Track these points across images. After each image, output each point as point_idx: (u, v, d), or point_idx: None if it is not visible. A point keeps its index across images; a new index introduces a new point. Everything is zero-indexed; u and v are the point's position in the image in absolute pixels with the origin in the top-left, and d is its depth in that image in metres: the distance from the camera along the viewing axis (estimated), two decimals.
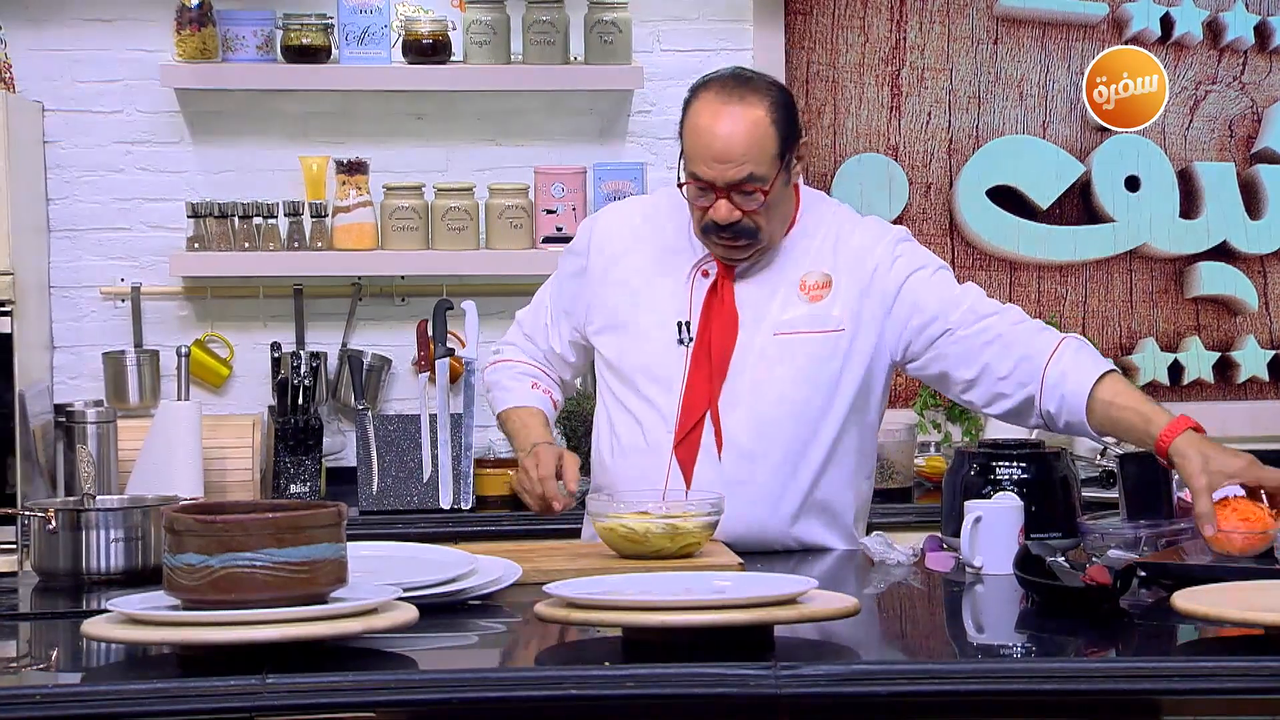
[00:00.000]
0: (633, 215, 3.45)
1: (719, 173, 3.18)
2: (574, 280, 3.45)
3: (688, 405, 3.28)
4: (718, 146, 3.17)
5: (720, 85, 3.23)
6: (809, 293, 3.29)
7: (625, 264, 3.37)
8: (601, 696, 2.32)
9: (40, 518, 3.00)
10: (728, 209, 3.20)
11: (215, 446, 4.58)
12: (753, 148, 3.17)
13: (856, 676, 2.34)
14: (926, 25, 5.07)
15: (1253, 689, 2.35)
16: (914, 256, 3.32)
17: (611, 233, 3.41)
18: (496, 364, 3.58)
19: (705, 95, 3.23)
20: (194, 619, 2.35)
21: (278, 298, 4.88)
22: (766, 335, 3.27)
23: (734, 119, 3.17)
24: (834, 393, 3.28)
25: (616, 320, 3.36)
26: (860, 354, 3.29)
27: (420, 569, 2.78)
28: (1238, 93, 5.15)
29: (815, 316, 3.28)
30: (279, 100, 4.88)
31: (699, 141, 3.20)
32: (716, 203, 3.20)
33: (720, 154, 3.17)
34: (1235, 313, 5.18)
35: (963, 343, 3.24)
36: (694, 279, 3.32)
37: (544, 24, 4.78)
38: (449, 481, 4.55)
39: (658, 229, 3.38)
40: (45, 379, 4.75)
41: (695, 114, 3.22)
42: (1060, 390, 3.16)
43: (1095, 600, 2.64)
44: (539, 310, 3.55)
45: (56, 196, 4.85)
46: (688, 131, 3.23)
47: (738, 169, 3.17)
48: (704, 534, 3.01)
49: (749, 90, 3.21)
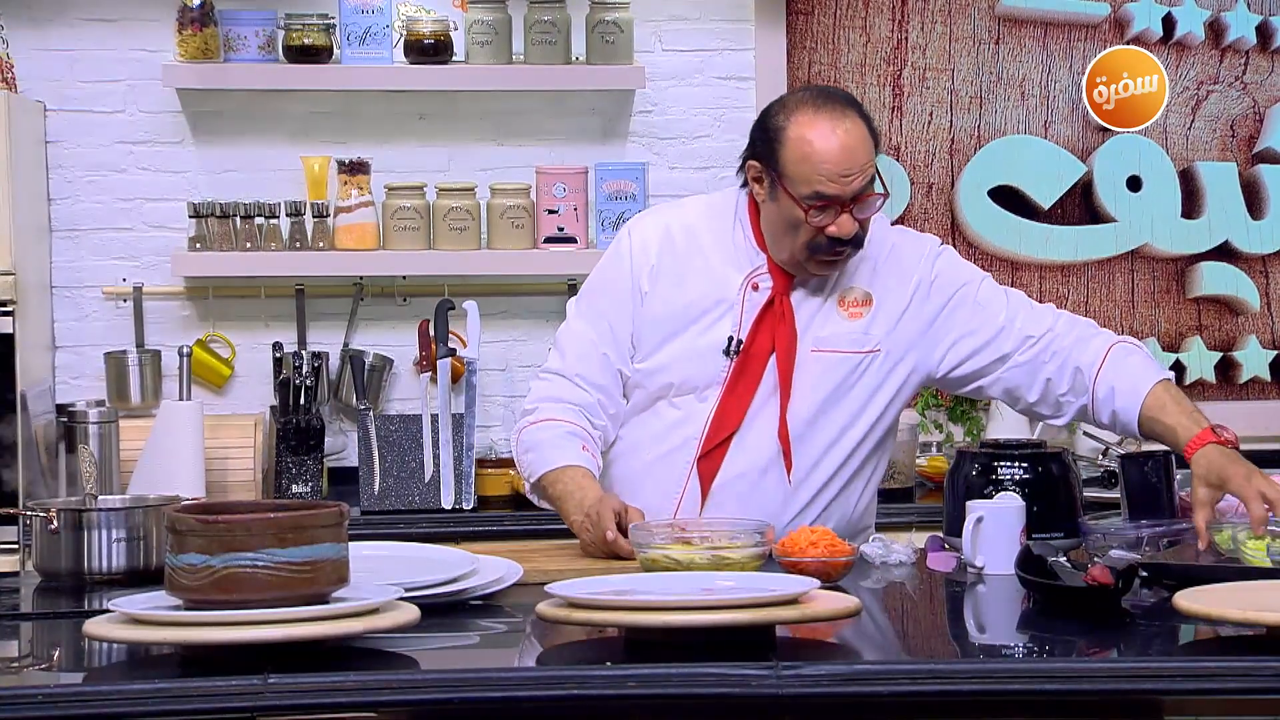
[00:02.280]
0: (667, 228, 3.33)
1: (844, 186, 3.14)
2: (621, 301, 3.31)
3: (720, 419, 3.24)
4: (843, 161, 3.13)
5: (814, 104, 3.18)
6: (848, 309, 3.27)
7: (666, 280, 3.29)
8: (603, 696, 2.32)
9: (42, 518, 3.00)
10: (851, 222, 3.16)
11: (217, 446, 4.59)
12: (869, 154, 3.17)
13: (858, 676, 2.34)
14: (928, 25, 5.07)
15: (1254, 689, 2.35)
16: (954, 274, 3.31)
17: (647, 248, 3.31)
18: (538, 424, 3.31)
19: (802, 117, 3.16)
20: (196, 619, 2.35)
21: (279, 298, 4.88)
22: (804, 351, 3.25)
23: (846, 131, 3.14)
24: (861, 412, 3.27)
25: (659, 336, 3.28)
26: (896, 375, 3.28)
27: (422, 569, 2.78)
28: (1239, 93, 5.15)
29: (852, 335, 3.26)
30: (281, 100, 4.88)
31: (821, 159, 3.13)
32: (839, 218, 3.15)
33: (846, 166, 3.13)
34: (1237, 313, 5.18)
35: (1022, 368, 3.27)
36: (745, 292, 3.26)
37: (545, 24, 4.78)
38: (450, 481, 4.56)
39: (696, 243, 3.31)
40: (47, 379, 4.75)
41: (804, 135, 3.15)
42: (1111, 406, 3.21)
43: (1097, 600, 2.64)
44: (585, 348, 3.32)
45: (58, 196, 4.85)
46: (796, 156, 3.15)
47: (863, 176, 3.15)
48: (751, 564, 2.89)
49: (840, 103, 3.19)
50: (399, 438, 4.61)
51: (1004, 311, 3.29)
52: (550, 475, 3.23)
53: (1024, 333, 3.28)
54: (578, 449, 3.25)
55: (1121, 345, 3.25)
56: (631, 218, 3.48)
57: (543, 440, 3.27)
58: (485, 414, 4.88)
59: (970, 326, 3.29)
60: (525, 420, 3.34)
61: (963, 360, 3.30)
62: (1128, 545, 2.91)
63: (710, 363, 3.26)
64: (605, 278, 3.36)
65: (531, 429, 3.31)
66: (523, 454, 3.31)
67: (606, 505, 3.09)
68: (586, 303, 3.37)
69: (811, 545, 2.90)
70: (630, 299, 3.30)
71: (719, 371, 3.26)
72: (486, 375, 4.89)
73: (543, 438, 3.28)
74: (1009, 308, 3.30)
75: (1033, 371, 3.27)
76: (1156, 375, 3.21)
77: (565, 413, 3.30)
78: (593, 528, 3.09)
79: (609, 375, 3.31)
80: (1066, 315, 3.32)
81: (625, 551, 3.02)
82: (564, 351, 3.36)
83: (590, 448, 3.27)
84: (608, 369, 3.31)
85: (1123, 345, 3.25)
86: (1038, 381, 3.27)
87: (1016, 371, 3.28)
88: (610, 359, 3.31)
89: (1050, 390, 3.27)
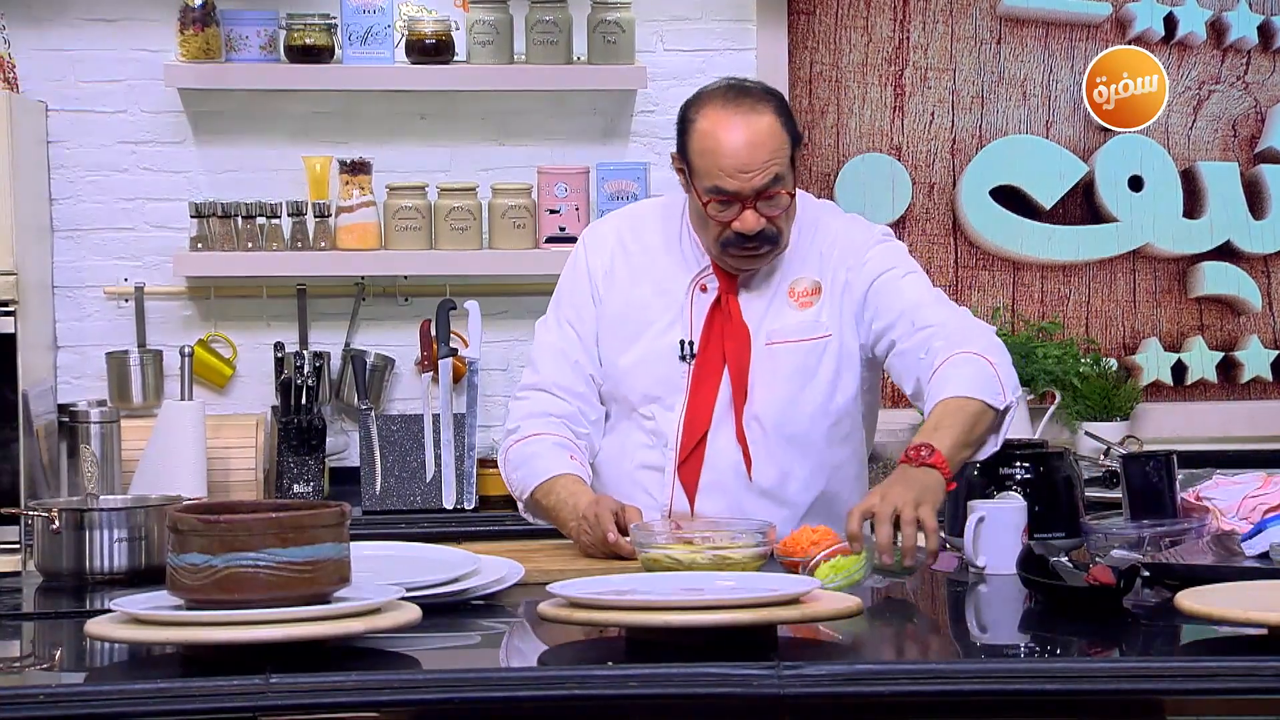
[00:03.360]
0: (618, 232, 3.35)
1: (744, 182, 3.12)
2: (581, 306, 3.33)
3: (690, 425, 3.24)
4: (742, 156, 3.11)
5: (722, 97, 3.17)
6: (798, 299, 3.26)
7: (618, 284, 3.31)
8: (604, 696, 2.32)
9: (44, 517, 3.00)
10: (755, 218, 3.14)
11: (219, 446, 4.59)
12: (774, 150, 3.12)
13: (860, 676, 2.34)
14: (930, 25, 5.07)
15: (1256, 689, 2.35)
16: (885, 258, 3.27)
17: (600, 253, 3.33)
18: (523, 440, 3.28)
19: (709, 110, 3.16)
20: (197, 619, 2.35)
21: (281, 297, 4.88)
22: (760, 346, 3.24)
23: (750, 126, 3.12)
24: (829, 399, 3.26)
25: (617, 342, 3.29)
26: (849, 357, 3.27)
27: (423, 569, 2.78)
28: (1241, 92, 5.15)
29: (803, 324, 3.25)
30: (282, 100, 4.88)
31: (718, 155, 3.12)
32: (743, 214, 3.13)
33: (745, 162, 3.11)
34: (1239, 313, 5.18)
35: (903, 357, 3.21)
36: (693, 294, 3.27)
37: (547, 24, 4.78)
38: (452, 481, 4.56)
39: (645, 246, 3.31)
40: (49, 379, 4.75)
41: (706, 130, 3.15)
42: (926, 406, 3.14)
43: (1099, 600, 2.64)
44: (556, 358, 3.32)
45: (60, 196, 4.85)
46: (699, 149, 3.15)
47: (764, 174, 3.12)
48: (752, 564, 2.89)
49: (751, 97, 3.17)
50: (400, 438, 4.62)
51: (909, 301, 3.23)
52: (542, 488, 3.22)
53: (915, 323, 3.20)
54: (565, 459, 3.24)
55: (961, 355, 3.12)
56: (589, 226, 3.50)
57: (530, 454, 3.27)
58: (487, 414, 4.87)
59: (878, 309, 3.24)
60: (510, 440, 3.33)
61: (873, 343, 3.26)
62: (1129, 545, 2.91)
63: (669, 369, 3.25)
64: (565, 286, 3.37)
65: (517, 447, 3.30)
66: (511, 473, 3.30)
67: (604, 506, 3.09)
68: (552, 314, 3.38)
69: (814, 545, 2.90)
70: (590, 303, 3.32)
71: (680, 377, 3.25)
72: (488, 375, 4.89)
73: (530, 452, 3.27)
74: (914, 298, 3.23)
75: (910, 363, 3.19)
76: (954, 390, 3.07)
77: (548, 426, 3.29)
78: (591, 529, 3.08)
79: (584, 382, 3.31)
80: (966, 320, 3.23)
81: (626, 552, 3.02)
82: (538, 366, 3.36)
83: (578, 456, 3.26)
84: (581, 376, 3.31)
85: (962, 355, 3.12)
86: (910, 373, 3.20)
87: (899, 360, 3.22)
88: (582, 365, 3.31)
89: (919, 384, 3.19)
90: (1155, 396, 5.15)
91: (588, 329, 3.32)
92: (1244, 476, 3.12)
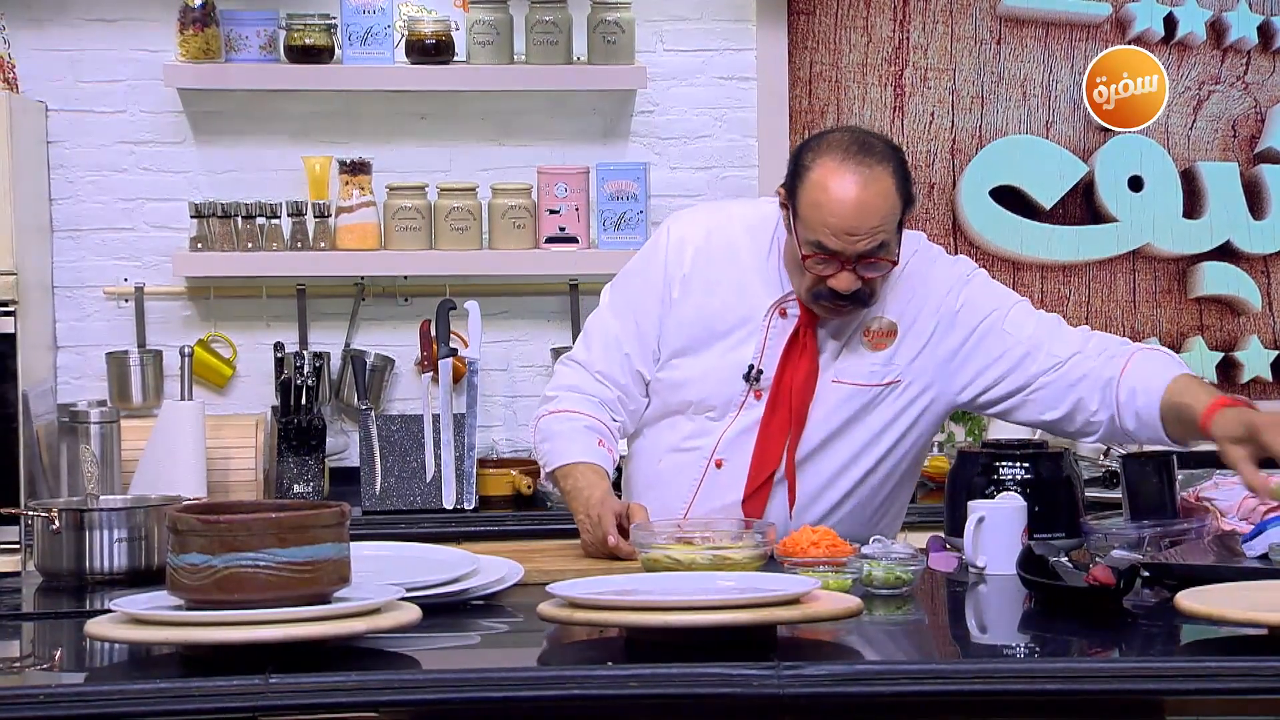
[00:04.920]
0: (706, 235, 3.25)
1: (849, 244, 3.03)
2: (650, 300, 3.26)
3: (730, 446, 3.21)
4: (850, 220, 3.02)
5: (844, 151, 3.05)
6: (872, 340, 3.20)
7: (695, 291, 3.23)
8: (604, 697, 2.32)
9: (44, 518, 3.00)
10: (851, 280, 3.06)
11: (218, 446, 4.59)
12: (885, 218, 3.04)
13: (860, 676, 2.34)
14: (929, 25, 5.07)
15: (1256, 689, 2.35)
16: (981, 301, 3.22)
17: (682, 255, 3.24)
18: (556, 413, 3.26)
19: (828, 161, 3.04)
20: (197, 619, 2.35)
21: (281, 298, 4.88)
22: (825, 382, 3.19)
23: (865, 188, 3.02)
24: (873, 442, 3.23)
25: (682, 347, 3.24)
26: (915, 405, 3.23)
27: (423, 569, 2.78)
28: (1241, 93, 5.15)
29: (873, 367, 3.20)
30: (282, 100, 4.88)
31: (827, 212, 3.03)
32: (840, 273, 3.06)
33: (854, 226, 3.02)
34: (1238, 313, 5.18)
35: (1047, 390, 3.19)
36: (771, 317, 3.20)
37: (547, 24, 4.78)
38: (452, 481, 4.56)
39: (732, 256, 3.23)
40: (49, 379, 4.75)
41: (819, 181, 3.04)
42: (1134, 408, 3.13)
43: (1098, 600, 2.64)
44: (609, 344, 3.28)
45: (60, 196, 4.85)
46: (809, 200, 3.05)
47: (870, 240, 3.04)
48: (752, 565, 2.88)
49: (874, 157, 3.05)
50: (400, 438, 4.61)
51: (1031, 337, 3.20)
52: (563, 469, 3.21)
53: (1051, 357, 3.18)
54: (593, 444, 3.21)
55: (1144, 351, 3.16)
56: (675, 213, 3.41)
57: (560, 432, 3.24)
58: (486, 414, 4.87)
59: (994, 354, 3.20)
60: (545, 408, 3.30)
61: (988, 388, 3.23)
62: (1129, 545, 2.91)
63: (729, 385, 3.21)
64: (639, 272, 3.30)
65: (550, 418, 3.27)
66: (540, 442, 3.28)
67: (608, 508, 3.08)
68: (619, 293, 3.32)
69: (813, 545, 2.90)
70: (659, 301, 3.25)
71: (737, 395, 3.21)
72: (488, 375, 4.89)
73: (560, 429, 3.24)
74: (1036, 333, 3.21)
75: (1060, 394, 3.18)
76: (1177, 370, 3.12)
77: (585, 405, 3.27)
78: (593, 529, 3.09)
79: (629, 374, 3.28)
80: (1099, 336, 3.23)
81: (625, 555, 3.02)
82: (590, 343, 3.32)
83: (607, 442, 3.23)
84: (628, 368, 3.28)
85: (1145, 351, 3.16)
86: (1065, 403, 3.18)
87: (1043, 394, 3.20)
88: (632, 359, 3.27)
89: (1079, 410, 3.18)
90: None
91: (649, 322, 3.26)
92: None
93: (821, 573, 2.77)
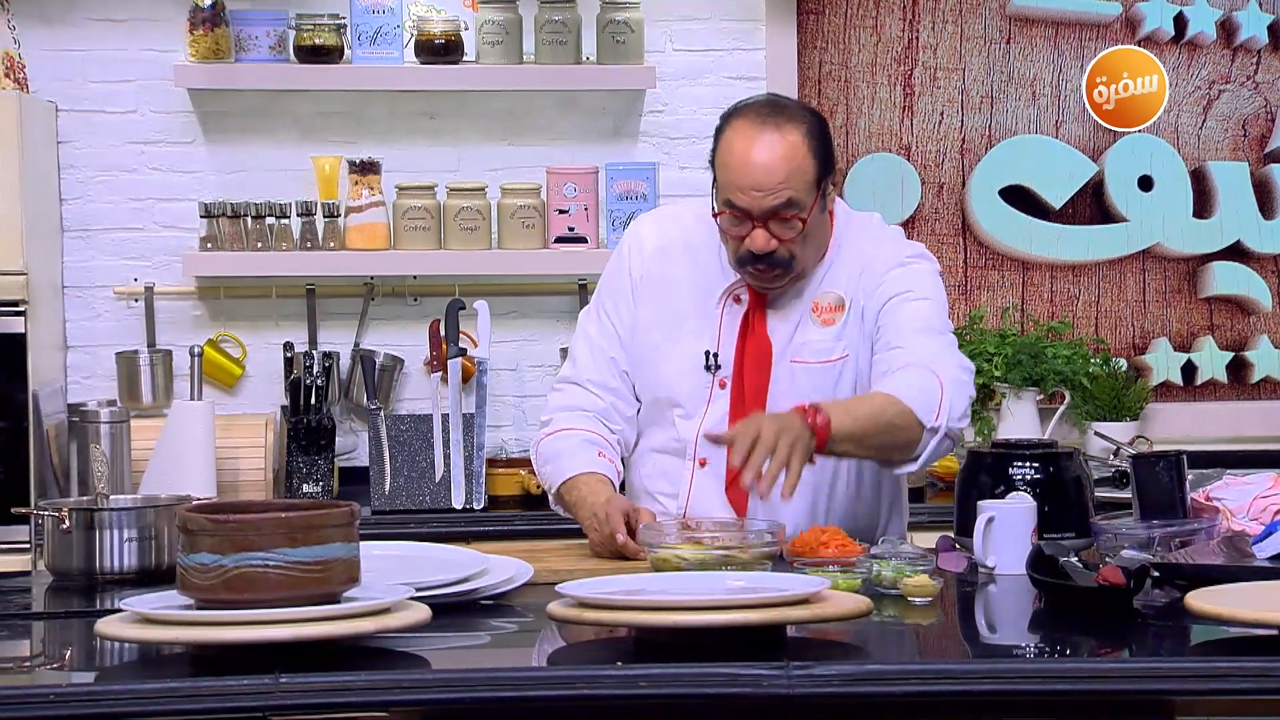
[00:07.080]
0: (660, 232, 3.33)
1: (756, 200, 3.10)
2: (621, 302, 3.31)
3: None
4: (756, 174, 3.09)
5: (755, 112, 3.14)
6: (821, 316, 3.23)
7: (655, 287, 3.29)
8: (614, 696, 2.32)
9: (54, 517, 3.00)
10: (764, 238, 3.12)
11: (228, 446, 4.59)
12: (791, 174, 3.10)
13: (869, 677, 2.34)
14: (939, 25, 5.07)
15: (1266, 690, 2.35)
16: (901, 281, 3.22)
17: (640, 254, 3.31)
18: (554, 434, 3.29)
19: (739, 123, 3.14)
20: (207, 618, 2.35)
21: (290, 297, 4.88)
22: (784, 364, 3.22)
23: (771, 145, 3.10)
24: None
25: (650, 344, 3.28)
26: (865, 378, 3.23)
27: (432, 569, 2.78)
28: (1251, 92, 5.14)
29: (824, 343, 3.22)
30: (291, 100, 4.88)
31: (735, 169, 3.11)
32: (753, 232, 3.11)
33: (758, 181, 3.09)
34: (1249, 312, 5.17)
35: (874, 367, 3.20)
36: (725, 305, 3.25)
37: (556, 24, 4.78)
38: (461, 481, 4.56)
39: (687, 248, 3.29)
40: (59, 379, 4.76)
41: (729, 142, 3.13)
42: None
43: (1108, 600, 2.64)
44: (594, 352, 3.33)
45: (70, 196, 4.86)
46: (722, 160, 3.14)
47: (775, 196, 3.10)
48: (760, 565, 2.88)
49: (784, 117, 3.14)
50: (410, 437, 4.62)
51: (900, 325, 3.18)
52: (567, 484, 3.22)
53: (891, 343, 3.18)
54: (594, 456, 3.24)
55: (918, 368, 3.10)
56: (639, 216, 3.49)
57: (559, 450, 3.27)
58: (496, 414, 4.88)
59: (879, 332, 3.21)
60: (542, 432, 3.33)
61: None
62: (1139, 545, 2.91)
63: (692, 377, 3.24)
64: (608, 279, 3.37)
65: (548, 440, 3.30)
66: (541, 466, 3.31)
67: (615, 507, 3.09)
68: (595, 304, 3.39)
69: (823, 545, 2.90)
70: (629, 302, 3.31)
71: (701, 387, 3.23)
72: (497, 375, 4.89)
73: (559, 448, 3.27)
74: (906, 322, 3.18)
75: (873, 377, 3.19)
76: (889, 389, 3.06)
77: (581, 420, 3.30)
78: (599, 528, 3.09)
79: (618, 378, 3.31)
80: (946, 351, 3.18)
81: (633, 553, 3.02)
82: (575, 358, 3.37)
83: (607, 453, 3.26)
84: (615, 371, 3.31)
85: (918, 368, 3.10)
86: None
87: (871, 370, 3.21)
88: (618, 361, 3.31)
89: None
90: (1165, 396, 5.14)
91: (625, 325, 3.31)
92: (1254, 477, 3.11)
93: (831, 573, 2.77)
